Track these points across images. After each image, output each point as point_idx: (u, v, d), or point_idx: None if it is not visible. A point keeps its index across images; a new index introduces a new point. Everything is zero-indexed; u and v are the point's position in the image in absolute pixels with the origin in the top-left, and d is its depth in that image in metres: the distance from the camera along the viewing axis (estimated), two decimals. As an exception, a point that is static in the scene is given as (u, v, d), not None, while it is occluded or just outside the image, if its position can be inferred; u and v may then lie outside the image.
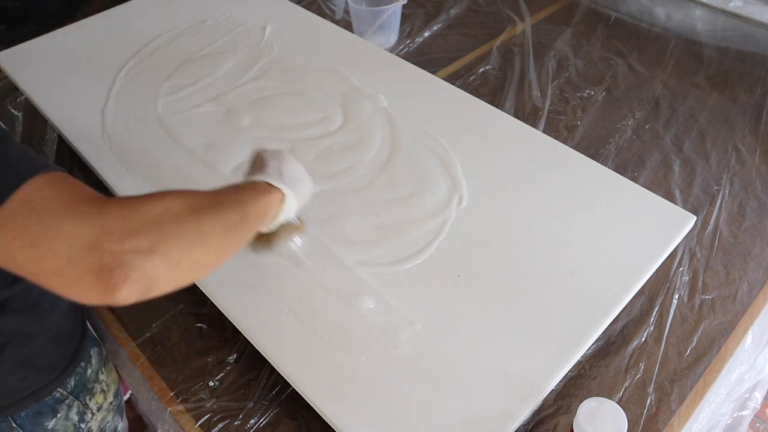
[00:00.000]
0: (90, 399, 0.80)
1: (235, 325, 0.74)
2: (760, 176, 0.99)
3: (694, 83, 1.18)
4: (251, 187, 0.62)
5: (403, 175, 0.89)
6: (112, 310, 0.85)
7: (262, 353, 0.72)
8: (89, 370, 0.79)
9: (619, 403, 0.71)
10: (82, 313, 0.80)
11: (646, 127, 1.08)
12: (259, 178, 0.64)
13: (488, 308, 0.73)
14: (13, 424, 0.72)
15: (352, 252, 0.79)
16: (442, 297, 0.74)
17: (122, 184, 0.91)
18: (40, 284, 0.45)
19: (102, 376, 0.83)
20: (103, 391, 0.83)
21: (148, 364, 0.78)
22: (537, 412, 0.71)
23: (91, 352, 0.80)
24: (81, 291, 0.45)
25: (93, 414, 0.81)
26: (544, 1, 1.43)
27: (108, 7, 1.30)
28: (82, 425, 0.80)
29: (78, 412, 0.78)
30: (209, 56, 1.14)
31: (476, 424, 0.63)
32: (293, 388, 0.69)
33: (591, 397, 0.61)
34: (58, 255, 0.43)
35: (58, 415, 0.75)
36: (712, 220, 0.92)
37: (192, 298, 0.84)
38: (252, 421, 0.72)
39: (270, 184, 0.64)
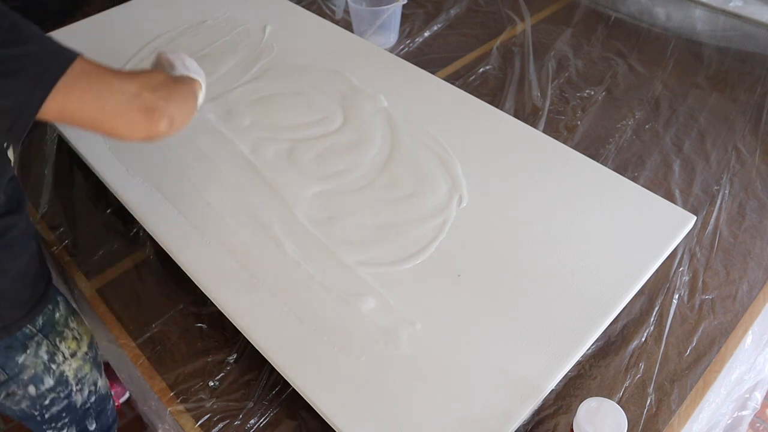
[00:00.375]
0: (60, 342, 0.84)
1: (235, 325, 0.74)
2: (760, 176, 0.99)
3: (694, 83, 1.18)
4: (184, 77, 0.82)
5: (403, 175, 0.89)
6: (113, 308, 0.85)
7: (262, 353, 0.72)
8: (57, 314, 0.84)
9: (619, 403, 0.71)
10: (45, 262, 0.84)
11: (646, 127, 1.08)
12: (182, 74, 0.83)
13: (488, 308, 0.73)
14: None
15: (352, 252, 0.79)
16: (442, 297, 0.74)
17: (122, 184, 0.91)
18: (103, 130, 0.66)
19: (72, 324, 0.87)
20: (75, 338, 0.87)
21: (148, 364, 0.78)
22: (537, 412, 0.71)
23: (58, 299, 0.85)
24: (134, 124, 0.67)
25: (65, 358, 0.85)
26: (544, 1, 1.43)
27: (108, 7, 1.30)
28: (53, 366, 0.84)
29: (48, 352, 0.83)
30: (209, 56, 1.14)
31: (476, 424, 0.63)
32: (293, 388, 0.70)
33: (591, 397, 0.61)
34: (116, 101, 0.64)
35: (28, 351, 0.80)
36: (712, 220, 0.92)
37: (192, 298, 0.84)
38: (252, 421, 0.72)
39: (191, 78, 0.83)
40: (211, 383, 0.76)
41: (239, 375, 0.77)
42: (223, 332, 0.81)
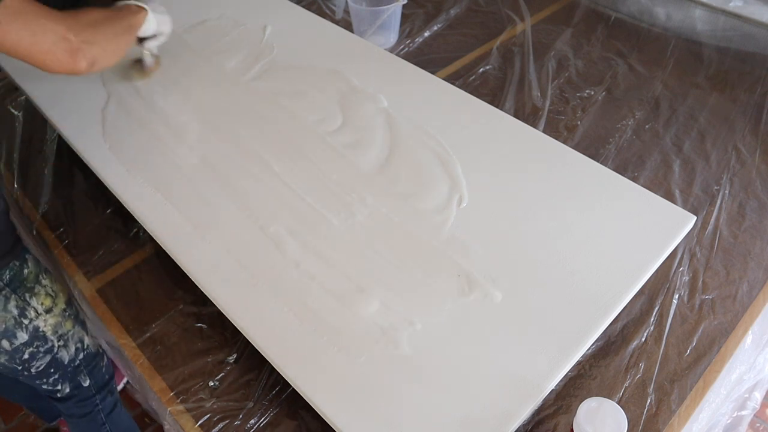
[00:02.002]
0: (30, 297, 0.86)
1: (235, 325, 0.74)
2: (760, 176, 0.99)
3: (694, 83, 1.18)
4: (127, 8, 0.93)
5: (403, 175, 0.89)
6: (113, 308, 0.85)
7: (262, 353, 0.72)
8: (25, 270, 0.86)
9: (619, 403, 0.71)
10: (13, 225, 0.87)
11: (646, 127, 1.08)
12: (133, 2, 0.94)
13: (488, 308, 0.73)
14: None
15: (352, 252, 0.79)
16: (442, 297, 0.74)
17: (122, 184, 0.91)
18: (33, 62, 0.74)
19: (45, 281, 0.89)
20: (49, 295, 0.89)
21: (148, 364, 0.78)
22: (537, 412, 0.71)
23: (27, 257, 0.87)
24: (60, 62, 0.75)
25: (39, 314, 0.87)
26: (544, 1, 1.43)
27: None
28: (24, 321, 0.86)
29: (17, 307, 0.85)
30: (209, 56, 1.14)
31: (476, 424, 0.63)
32: (293, 388, 0.70)
33: (591, 397, 0.61)
34: (47, 41, 0.73)
35: None
36: (712, 220, 0.92)
37: (192, 298, 0.84)
38: (252, 421, 0.72)
39: (138, 6, 0.94)
40: (211, 383, 0.76)
41: (239, 375, 0.77)
42: (223, 332, 0.81)
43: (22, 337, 0.86)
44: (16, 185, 1.05)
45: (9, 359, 0.88)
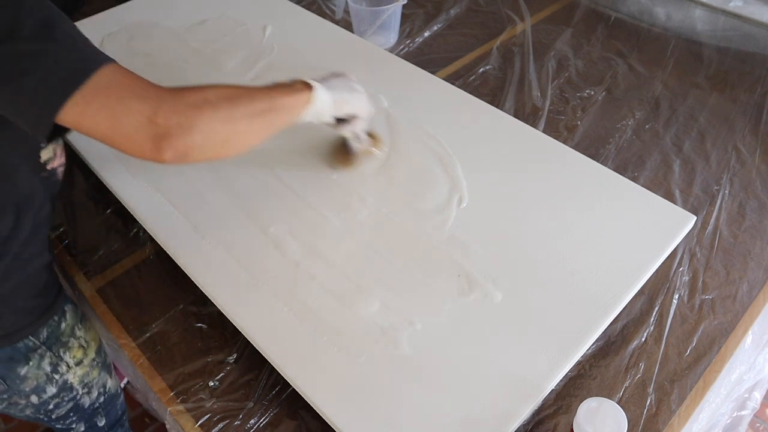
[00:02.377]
0: (65, 352, 0.84)
1: (235, 325, 0.74)
2: (760, 176, 0.99)
3: (694, 83, 1.18)
4: (285, 85, 0.73)
5: (403, 175, 0.89)
6: (113, 308, 0.85)
7: (262, 353, 0.72)
8: (63, 324, 0.84)
9: (619, 403, 0.71)
10: (56, 272, 0.84)
11: (646, 127, 1.08)
12: (297, 78, 0.75)
13: (488, 308, 0.73)
14: None
15: (352, 252, 0.79)
16: (442, 297, 0.74)
17: (122, 184, 0.91)
18: (112, 146, 0.60)
19: (79, 332, 0.87)
20: (82, 347, 0.87)
21: (148, 364, 0.78)
22: (537, 412, 0.71)
23: (66, 308, 0.85)
24: (141, 150, 0.60)
25: (69, 367, 0.86)
26: (544, 1, 1.43)
27: (107, 8, 1.30)
28: (56, 376, 0.84)
29: (51, 363, 0.83)
30: (209, 56, 1.14)
31: (476, 424, 0.63)
32: (293, 388, 0.70)
33: (591, 397, 0.61)
34: (128, 124, 0.59)
35: (30, 363, 0.80)
36: (712, 220, 0.92)
37: (192, 298, 0.84)
38: (252, 421, 0.72)
39: (304, 83, 0.74)
40: (211, 383, 0.76)
41: (239, 375, 0.77)
42: (223, 332, 0.81)
43: (51, 390, 0.85)
44: (16, 185, 1.05)
45: (34, 411, 0.87)
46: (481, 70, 1.21)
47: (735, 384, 0.79)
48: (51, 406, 0.88)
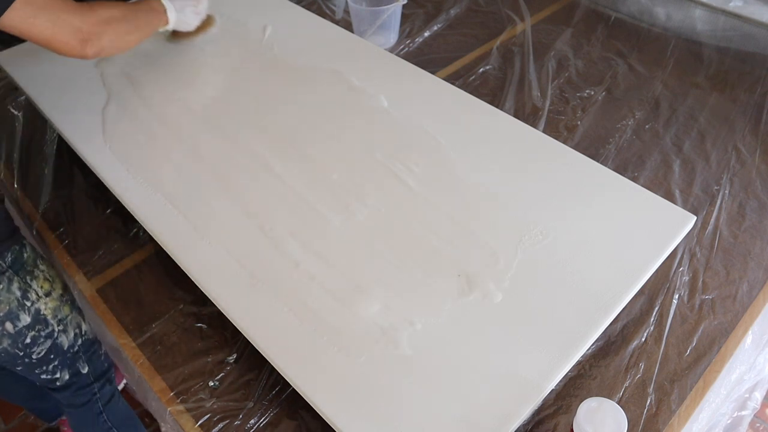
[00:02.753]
0: (31, 280, 0.90)
1: (235, 325, 0.74)
2: (760, 176, 0.99)
3: (694, 83, 1.18)
4: (152, 5, 1.02)
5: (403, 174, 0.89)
6: (113, 308, 0.85)
7: (262, 353, 0.72)
8: (25, 254, 0.90)
9: (619, 403, 0.71)
10: (8, 212, 0.91)
11: (646, 127, 1.08)
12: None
13: (488, 308, 0.73)
14: None
15: (352, 252, 0.79)
16: (442, 297, 0.74)
17: (122, 184, 0.91)
18: (46, 47, 0.84)
19: (42, 266, 0.92)
20: (47, 279, 0.92)
21: (148, 364, 0.78)
22: (537, 412, 0.71)
23: (24, 242, 0.91)
24: (71, 50, 0.85)
25: (39, 296, 0.90)
26: (544, 1, 1.43)
27: (108, 7, 1.30)
28: (27, 302, 0.89)
29: (20, 288, 0.88)
30: (209, 56, 1.14)
31: (476, 424, 0.63)
32: (293, 388, 0.70)
33: (591, 397, 0.61)
34: (64, 33, 0.83)
35: (0, 286, 0.86)
36: (712, 220, 0.92)
37: (192, 298, 0.84)
38: (252, 421, 0.72)
39: (159, 3, 1.03)
40: (211, 383, 0.76)
41: (239, 375, 0.77)
42: (223, 332, 0.81)
43: (25, 319, 0.88)
44: (16, 185, 1.05)
45: (12, 343, 0.89)
46: (481, 70, 1.21)
47: (735, 384, 0.79)
48: (28, 340, 0.90)
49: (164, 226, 0.85)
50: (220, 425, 0.72)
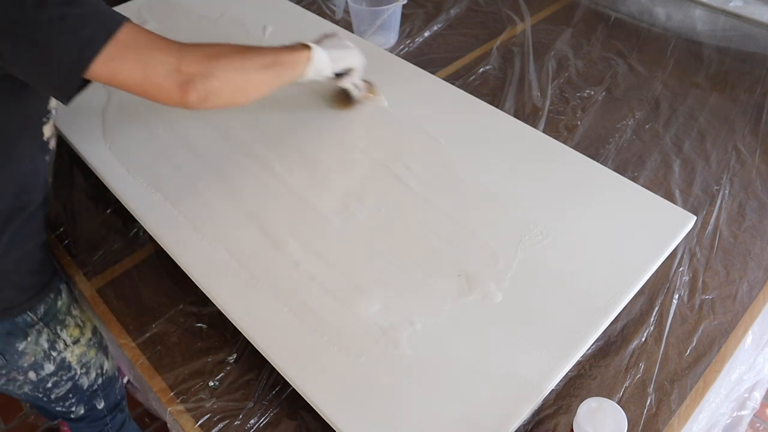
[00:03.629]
0: (61, 330, 0.87)
1: (235, 325, 0.74)
2: (760, 176, 0.99)
3: (694, 83, 1.18)
4: (288, 46, 0.83)
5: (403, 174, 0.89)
6: (113, 308, 0.85)
7: (262, 353, 0.72)
8: (59, 302, 0.87)
9: (619, 403, 0.71)
10: (51, 252, 0.87)
11: (646, 127, 1.08)
12: (296, 42, 0.85)
13: (488, 308, 0.73)
14: None
15: (352, 252, 0.79)
16: (442, 297, 0.74)
17: (123, 184, 0.91)
18: (143, 95, 0.69)
19: (75, 312, 0.90)
20: (78, 326, 0.90)
21: (148, 364, 0.78)
22: (537, 412, 0.71)
23: (61, 287, 0.88)
24: (169, 96, 0.69)
25: (67, 345, 0.88)
26: (544, 1, 1.43)
27: (108, 7, 1.30)
28: (53, 353, 0.86)
29: (48, 340, 0.85)
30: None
31: (476, 424, 0.63)
32: (293, 388, 0.70)
33: (591, 397, 0.61)
34: (158, 74, 0.68)
35: (29, 339, 0.83)
36: (712, 220, 0.92)
37: (192, 299, 0.84)
38: (252, 421, 0.72)
39: (303, 44, 0.84)
40: (211, 383, 0.76)
41: (239, 375, 0.77)
42: (223, 332, 0.81)
43: (49, 368, 0.87)
44: (16, 185, 1.05)
45: (33, 389, 0.89)
46: (481, 70, 1.21)
47: (735, 384, 0.79)
48: (49, 385, 0.89)
49: (164, 226, 0.85)
50: (220, 425, 0.72)
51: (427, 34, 1.33)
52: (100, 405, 1.00)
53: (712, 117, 1.10)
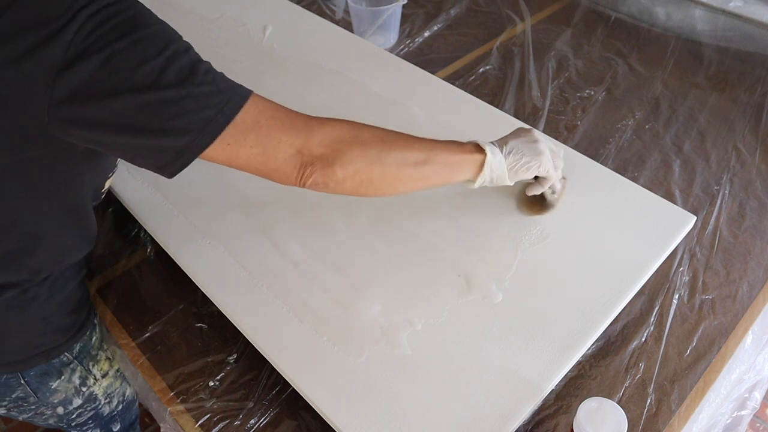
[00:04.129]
0: (93, 365, 0.85)
1: (235, 325, 0.74)
2: (760, 176, 0.99)
3: (694, 83, 1.18)
4: (455, 143, 0.70)
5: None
6: (113, 308, 0.85)
7: (262, 353, 0.72)
8: (93, 338, 0.85)
9: (619, 403, 0.71)
10: (86, 286, 0.85)
11: (646, 127, 1.08)
12: (472, 139, 0.71)
13: (488, 308, 0.73)
14: (22, 381, 0.78)
15: (352, 252, 0.79)
16: (442, 297, 0.74)
17: (122, 184, 0.91)
18: (259, 174, 0.62)
19: (105, 345, 0.87)
20: (108, 359, 0.88)
21: (149, 364, 0.78)
22: (537, 412, 0.71)
23: (96, 321, 0.86)
24: (287, 178, 0.62)
25: (96, 380, 0.87)
26: (544, 1, 1.43)
27: (108, 7, 1.29)
28: (83, 389, 0.85)
29: (80, 377, 0.84)
30: (209, 56, 1.14)
31: (476, 424, 0.63)
32: (293, 388, 0.70)
33: (591, 397, 0.61)
34: (278, 158, 0.61)
35: (62, 377, 0.81)
36: (712, 220, 0.92)
37: (192, 298, 0.84)
38: (252, 421, 0.72)
39: (476, 145, 0.70)
40: (211, 383, 0.76)
41: (239, 375, 0.77)
42: (223, 332, 0.81)
43: (77, 402, 0.86)
44: (16, 185, 1.05)
45: (57, 421, 0.88)
46: (481, 70, 1.21)
47: (735, 384, 0.79)
48: (74, 416, 0.88)
49: (164, 226, 0.85)
50: (220, 425, 0.72)
51: (427, 34, 1.33)
52: (116, 428, 0.99)
53: (712, 117, 1.10)
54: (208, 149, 0.58)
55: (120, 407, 0.95)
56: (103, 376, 0.88)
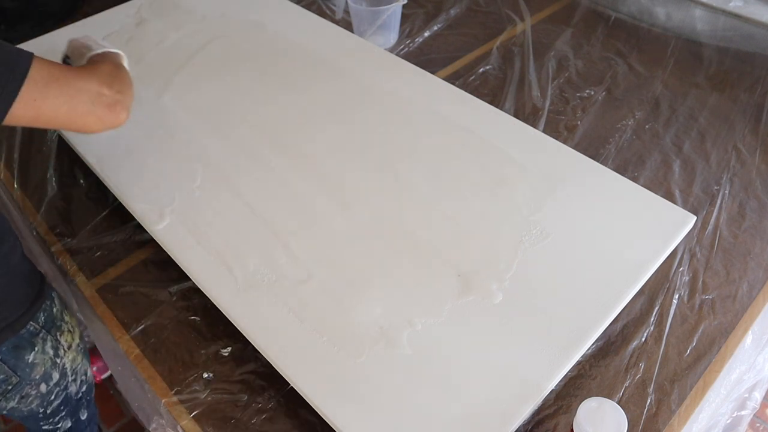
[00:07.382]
0: (60, 335, 0.87)
1: (235, 325, 0.74)
2: (760, 176, 0.99)
3: (694, 83, 1.18)
4: (115, 54, 0.87)
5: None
6: (106, 301, 0.85)
7: (262, 353, 0.72)
8: (54, 309, 0.87)
9: (619, 403, 0.71)
10: (32, 261, 0.86)
11: (646, 127, 1.08)
12: (102, 50, 0.87)
13: (488, 308, 0.73)
14: None
15: (352, 251, 0.79)
16: (442, 297, 0.74)
17: (122, 184, 0.91)
18: (74, 128, 0.70)
19: (66, 317, 0.90)
20: (69, 331, 0.90)
21: (142, 356, 0.78)
22: (537, 412, 0.71)
23: (53, 294, 0.88)
24: (101, 121, 0.71)
25: (65, 351, 0.89)
26: (544, 1, 1.43)
27: (108, 8, 1.30)
28: (58, 360, 0.87)
29: (52, 347, 0.85)
30: (209, 56, 1.14)
31: (476, 424, 0.63)
32: (291, 386, 0.69)
33: (591, 397, 0.61)
34: (84, 102, 0.68)
35: (36, 349, 0.83)
36: (712, 220, 0.92)
37: (186, 290, 0.84)
38: (248, 413, 0.72)
39: (114, 53, 0.87)
40: (205, 375, 0.76)
41: (234, 368, 0.77)
42: (217, 324, 0.81)
43: (55, 376, 0.87)
44: (16, 185, 1.05)
45: (39, 403, 0.88)
46: (481, 70, 1.21)
47: (735, 384, 0.79)
48: (52, 397, 0.89)
49: (164, 226, 0.85)
50: (214, 417, 0.72)
51: (427, 34, 1.33)
52: (84, 416, 1.00)
53: (712, 117, 1.10)
54: (12, 112, 0.61)
55: (84, 388, 0.97)
56: (69, 348, 0.89)
